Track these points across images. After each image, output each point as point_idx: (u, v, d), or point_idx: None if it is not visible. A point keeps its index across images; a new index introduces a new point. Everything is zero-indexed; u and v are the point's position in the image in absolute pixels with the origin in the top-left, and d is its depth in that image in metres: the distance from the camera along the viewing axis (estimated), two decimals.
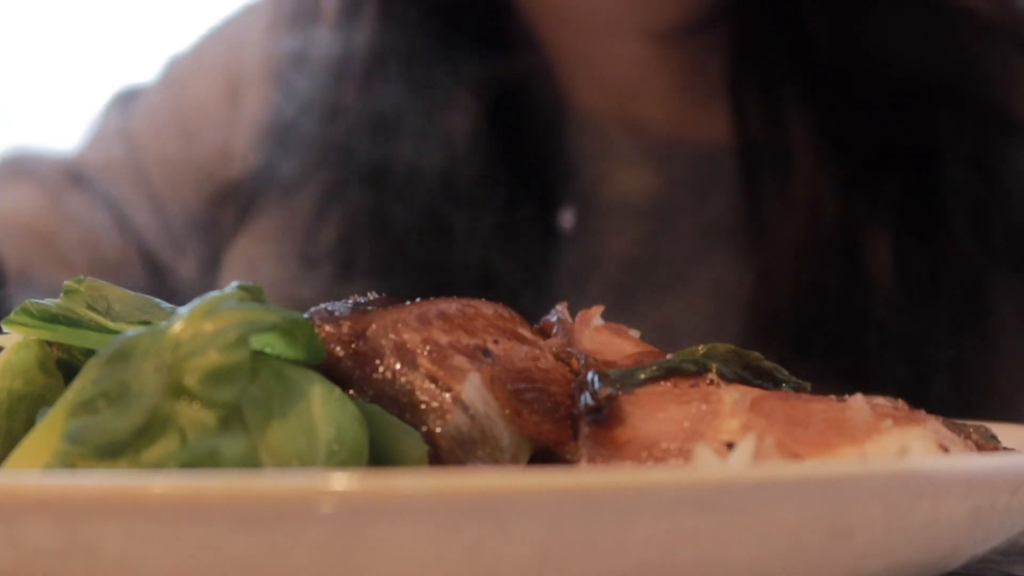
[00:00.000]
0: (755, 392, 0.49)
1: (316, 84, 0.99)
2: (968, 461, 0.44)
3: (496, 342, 0.50)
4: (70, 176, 1.05)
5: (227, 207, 1.01)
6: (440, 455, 0.45)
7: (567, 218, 0.98)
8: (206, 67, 1.07)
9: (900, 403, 0.50)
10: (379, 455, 0.44)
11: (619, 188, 0.98)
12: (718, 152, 0.97)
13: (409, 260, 0.94)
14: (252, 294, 0.46)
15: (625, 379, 0.50)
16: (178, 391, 0.41)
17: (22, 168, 1.06)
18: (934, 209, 0.90)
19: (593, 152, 0.99)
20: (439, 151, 0.95)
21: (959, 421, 0.51)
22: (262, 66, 1.03)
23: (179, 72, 1.09)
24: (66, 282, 0.50)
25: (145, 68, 1.11)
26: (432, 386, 0.46)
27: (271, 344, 0.45)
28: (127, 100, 1.09)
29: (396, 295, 0.53)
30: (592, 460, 0.46)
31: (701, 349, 0.52)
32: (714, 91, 0.98)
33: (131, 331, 0.43)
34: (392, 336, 0.48)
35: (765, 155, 0.93)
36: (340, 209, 0.97)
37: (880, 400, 0.50)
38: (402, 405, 0.46)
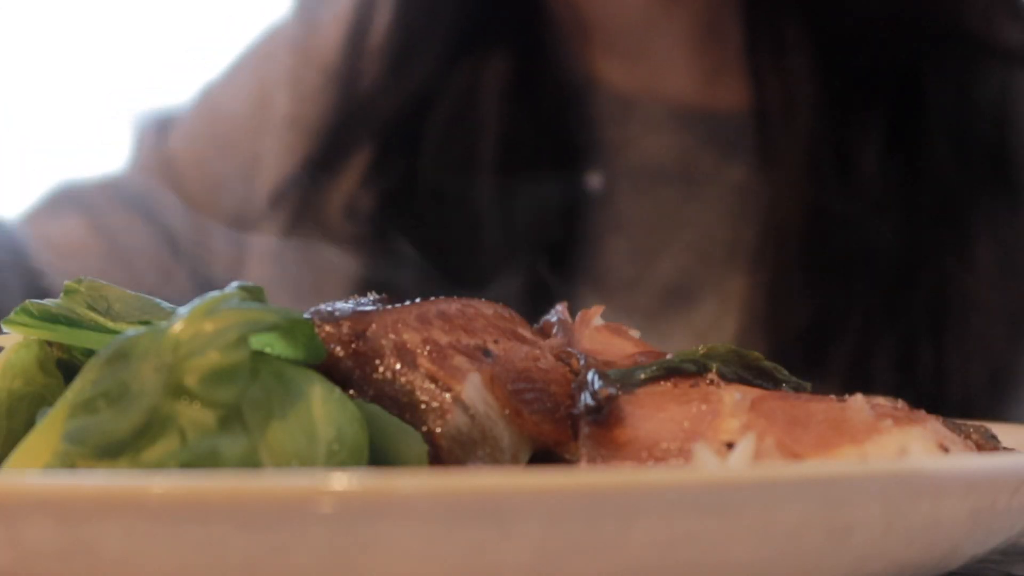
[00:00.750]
0: (755, 392, 0.49)
1: (347, 61, 1.06)
2: (968, 461, 0.44)
3: (496, 342, 0.50)
4: (115, 201, 1.11)
5: (279, 208, 1.07)
6: (440, 455, 0.45)
7: (594, 181, 1.04)
8: (237, 86, 1.13)
9: (900, 403, 0.50)
10: (379, 455, 0.44)
11: (642, 154, 1.04)
12: (736, 115, 1.03)
13: (440, 227, 1.00)
14: (252, 294, 0.46)
15: (625, 379, 0.50)
16: (178, 391, 0.41)
17: (69, 199, 1.11)
18: (917, 132, 0.97)
19: (617, 120, 1.05)
20: (470, 122, 1.02)
21: (959, 421, 0.51)
22: (289, 74, 1.09)
23: (212, 95, 1.15)
24: (66, 282, 0.50)
25: (172, 91, 1.19)
26: (432, 386, 0.46)
27: (271, 344, 0.45)
28: (162, 126, 1.15)
29: (428, 260, 0.53)
30: (592, 460, 0.46)
31: (701, 349, 0.52)
32: (730, 56, 1.03)
33: (131, 331, 0.43)
34: (392, 336, 0.48)
35: (779, 109, 0.99)
36: (377, 182, 1.03)
37: (880, 400, 0.50)
38: (402, 405, 0.46)
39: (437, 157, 1.02)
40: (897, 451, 0.44)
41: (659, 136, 1.04)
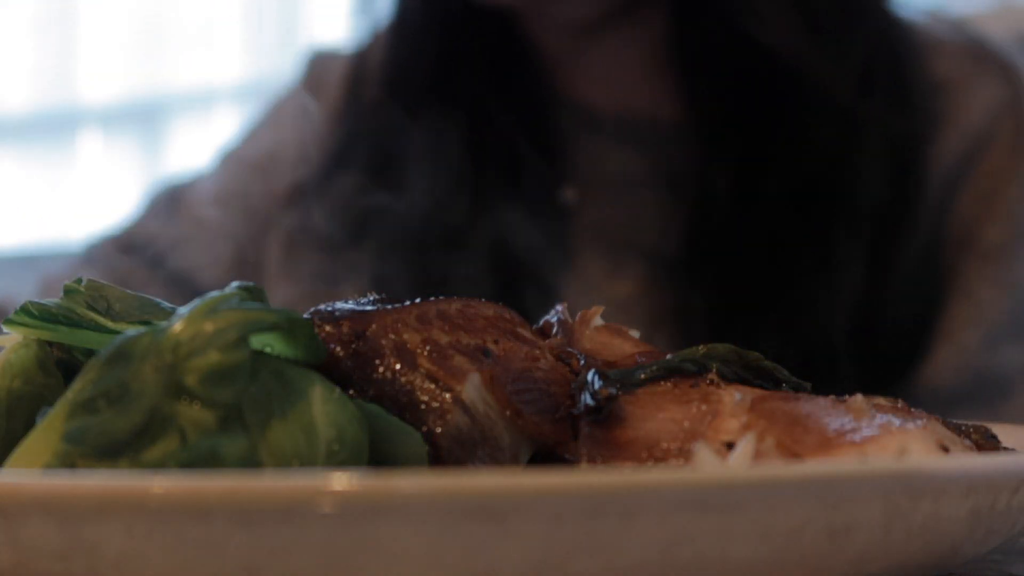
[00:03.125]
0: (755, 392, 0.49)
1: (349, 92, 1.21)
2: (968, 461, 0.44)
3: (496, 342, 0.50)
4: (124, 251, 1.27)
5: (272, 240, 1.20)
6: (440, 455, 0.45)
7: (568, 193, 1.14)
8: (253, 146, 1.30)
9: (900, 403, 0.50)
10: (379, 455, 0.44)
11: (607, 166, 1.14)
12: (673, 127, 1.13)
13: (425, 242, 1.10)
14: (252, 294, 0.46)
15: (625, 379, 0.50)
16: (178, 391, 0.41)
17: (90, 259, 1.27)
18: (761, 169, 1.07)
19: (584, 134, 1.15)
20: (454, 144, 1.10)
21: (959, 421, 0.51)
22: (296, 131, 1.25)
23: (231, 156, 1.31)
24: (66, 283, 0.50)
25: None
26: (432, 386, 0.46)
27: (271, 344, 0.45)
28: (173, 190, 1.30)
29: (417, 274, 0.55)
30: (592, 460, 0.46)
31: (701, 349, 0.52)
32: (661, 74, 1.14)
33: (131, 331, 0.43)
34: (392, 336, 0.48)
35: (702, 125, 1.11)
36: (361, 201, 1.13)
37: (880, 400, 0.50)
38: (402, 405, 0.46)
39: (414, 174, 1.11)
40: (897, 451, 0.44)
41: (624, 147, 1.14)
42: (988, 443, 0.50)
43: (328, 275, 1.13)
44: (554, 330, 0.56)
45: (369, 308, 0.49)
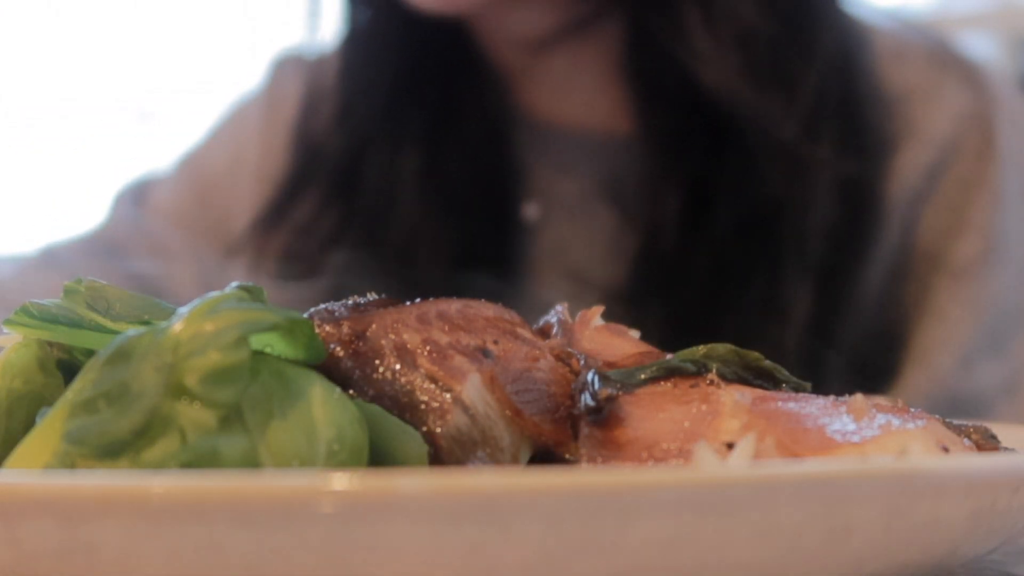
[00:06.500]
0: (755, 392, 0.49)
1: (302, 114, 1.19)
2: (968, 461, 0.44)
3: (496, 342, 0.50)
4: (89, 254, 1.26)
5: (237, 256, 1.18)
6: (440, 455, 0.45)
7: (529, 211, 1.12)
8: (215, 148, 1.30)
9: (900, 403, 0.50)
10: (379, 455, 0.44)
11: (566, 182, 1.13)
12: (626, 143, 1.11)
13: (388, 264, 1.08)
14: (253, 294, 0.46)
15: (625, 379, 0.50)
16: (178, 391, 0.41)
17: (51, 257, 1.26)
18: (708, 201, 1.05)
19: (543, 151, 1.14)
20: (412, 164, 1.11)
21: (959, 421, 0.51)
22: (259, 135, 1.24)
23: (193, 157, 1.31)
24: (66, 283, 0.50)
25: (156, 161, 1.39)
26: (432, 386, 0.46)
27: (271, 344, 0.45)
28: (140, 188, 1.31)
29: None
30: (592, 460, 0.46)
31: (701, 349, 0.52)
32: (616, 90, 1.11)
33: (131, 331, 0.43)
34: (392, 336, 0.48)
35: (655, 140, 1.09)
36: (321, 223, 1.14)
37: (880, 400, 0.50)
38: (402, 405, 0.46)
39: (374, 196, 1.11)
40: (897, 451, 0.44)
41: (581, 164, 1.12)
42: (988, 443, 0.50)
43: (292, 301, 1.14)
44: (554, 330, 0.56)
45: (369, 308, 0.49)
